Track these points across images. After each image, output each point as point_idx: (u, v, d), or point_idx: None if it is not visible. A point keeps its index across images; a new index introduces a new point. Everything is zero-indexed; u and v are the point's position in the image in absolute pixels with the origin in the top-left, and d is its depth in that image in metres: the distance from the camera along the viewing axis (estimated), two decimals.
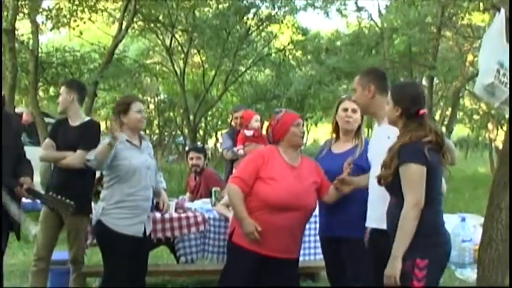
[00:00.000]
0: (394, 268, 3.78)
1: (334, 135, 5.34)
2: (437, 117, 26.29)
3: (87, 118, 6.16)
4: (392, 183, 3.91)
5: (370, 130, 14.33)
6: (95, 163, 5.08)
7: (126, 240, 5.13)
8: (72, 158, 5.72)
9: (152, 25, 20.64)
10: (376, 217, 4.40)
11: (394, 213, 3.89)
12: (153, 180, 5.47)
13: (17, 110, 14.72)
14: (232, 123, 8.93)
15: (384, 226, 4.13)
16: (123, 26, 16.39)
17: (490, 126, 29.34)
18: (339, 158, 5.03)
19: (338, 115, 5.24)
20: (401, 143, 3.88)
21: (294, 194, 4.76)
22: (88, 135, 5.88)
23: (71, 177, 5.69)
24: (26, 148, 5.10)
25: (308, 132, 42.79)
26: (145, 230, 5.34)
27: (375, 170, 4.17)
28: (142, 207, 5.26)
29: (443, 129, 20.29)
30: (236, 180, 4.85)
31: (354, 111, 5.16)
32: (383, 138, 4.19)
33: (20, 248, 8.72)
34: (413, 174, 3.78)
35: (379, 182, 4.04)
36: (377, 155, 4.20)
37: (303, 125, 5.25)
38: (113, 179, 5.20)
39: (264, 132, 7.92)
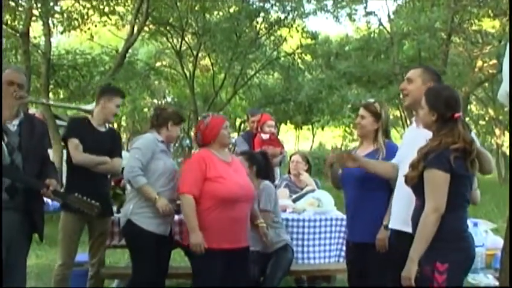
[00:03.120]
0: (409, 270, 3.79)
1: (360, 140, 5.48)
2: None
3: (108, 124, 6.22)
4: (418, 186, 3.93)
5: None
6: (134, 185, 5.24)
7: (154, 239, 5.22)
8: (118, 165, 5.87)
9: (163, 28, 20.68)
10: (399, 219, 4.44)
11: (418, 216, 3.90)
12: (175, 183, 5.51)
13: (29, 112, 14.80)
14: (248, 127, 8.96)
15: (405, 229, 4.16)
16: (135, 29, 16.44)
17: (497, 132, 29.33)
18: None
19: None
20: (429, 147, 3.90)
21: (241, 186, 5.14)
22: (119, 144, 6.22)
23: (94, 180, 5.74)
24: None
25: (314, 136, 42.81)
26: (170, 230, 5.47)
27: (406, 170, 4.15)
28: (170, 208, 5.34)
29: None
30: (188, 189, 5.05)
31: (362, 117, 5.26)
32: (421, 140, 4.12)
33: (33, 250, 8.73)
34: (436, 180, 3.79)
35: (406, 182, 4.09)
36: (411, 156, 4.13)
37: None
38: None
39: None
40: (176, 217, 6.17)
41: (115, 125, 24.18)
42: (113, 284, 6.94)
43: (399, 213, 4.43)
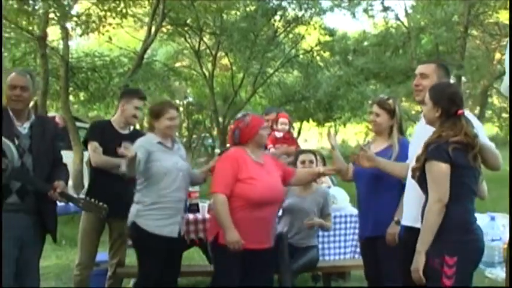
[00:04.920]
0: (417, 263, 3.85)
1: (374, 136, 5.51)
2: None
3: (132, 127, 6.30)
4: (421, 179, 3.99)
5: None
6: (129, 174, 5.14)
7: (160, 241, 5.22)
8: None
9: (180, 29, 20.74)
10: (410, 215, 4.47)
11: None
12: (186, 182, 5.55)
13: (49, 115, 14.94)
14: None
15: (417, 225, 4.17)
16: (152, 30, 16.52)
17: None
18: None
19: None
20: (430, 139, 3.95)
21: (271, 189, 5.18)
22: None
23: (116, 181, 5.78)
24: None
25: (337, 133, 42.68)
26: (179, 230, 5.44)
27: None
28: (176, 208, 5.35)
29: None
30: (220, 189, 5.09)
31: (376, 114, 5.27)
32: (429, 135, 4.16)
33: (53, 250, 8.85)
34: (436, 172, 3.85)
35: (412, 176, 4.12)
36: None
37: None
38: (145, 181, 5.31)
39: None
40: (191, 216, 6.24)
41: (137, 126, 24.27)
42: (129, 284, 7.01)
43: (411, 210, 4.46)
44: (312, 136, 50.88)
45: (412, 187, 4.34)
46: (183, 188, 5.47)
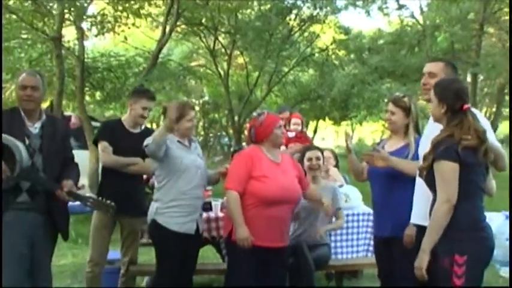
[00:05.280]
0: (421, 261, 3.84)
1: (389, 134, 5.52)
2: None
3: (143, 125, 6.33)
4: (429, 178, 3.97)
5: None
6: (153, 146, 5.15)
7: (179, 238, 5.29)
8: (147, 165, 5.89)
9: (195, 28, 20.78)
10: (419, 214, 4.47)
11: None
12: (204, 179, 5.61)
13: (65, 114, 15.04)
14: None
15: (424, 223, 4.16)
16: (167, 30, 16.56)
17: None
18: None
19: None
20: (440, 138, 3.93)
21: (284, 189, 5.17)
22: None
23: (126, 180, 5.86)
24: (74, 152, 5.28)
25: (353, 131, 42.63)
26: (198, 228, 5.50)
27: None
28: (195, 206, 5.43)
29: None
30: (233, 185, 5.14)
31: (392, 113, 5.25)
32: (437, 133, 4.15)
33: (69, 249, 8.94)
34: (445, 171, 3.83)
35: (419, 174, 4.12)
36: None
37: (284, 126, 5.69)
38: (165, 179, 5.38)
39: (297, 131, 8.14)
40: (204, 214, 6.26)
41: (154, 126, 24.35)
42: (142, 283, 7.06)
43: (420, 208, 4.46)
44: (328, 134, 50.87)
45: (421, 185, 4.33)
46: (201, 186, 5.55)
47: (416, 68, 21.62)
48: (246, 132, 5.74)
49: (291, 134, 8.25)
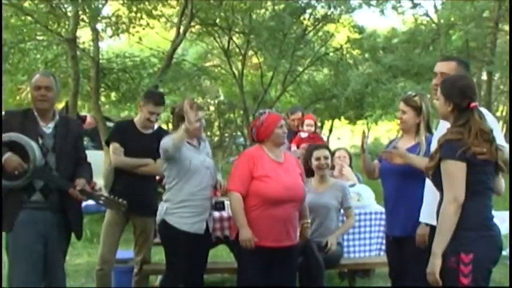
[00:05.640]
0: (433, 265, 3.78)
1: (400, 133, 5.52)
2: (498, 113, 25.75)
3: (156, 125, 6.36)
4: (436, 177, 3.94)
5: None
6: (172, 150, 5.21)
7: (188, 238, 5.33)
8: (158, 166, 5.89)
9: (209, 28, 20.83)
10: (428, 212, 4.48)
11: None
12: (213, 179, 5.64)
13: (81, 114, 15.13)
14: (289, 125, 9.07)
15: (432, 222, 4.17)
16: (181, 31, 16.62)
17: None
18: None
19: None
20: (446, 138, 3.90)
21: (287, 188, 5.17)
22: None
23: (138, 180, 5.90)
24: (89, 152, 5.37)
25: (369, 131, 42.52)
26: (207, 227, 5.53)
27: None
28: (204, 206, 5.46)
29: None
30: (235, 187, 5.18)
31: (403, 112, 5.26)
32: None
33: (85, 248, 9.00)
34: (452, 171, 3.78)
35: (426, 173, 4.10)
36: None
37: (286, 124, 5.62)
38: (175, 179, 5.40)
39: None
40: (216, 214, 6.30)
41: (170, 126, 24.42)
42: (156, 282, 7.09)
43: (430, 207, 4.42)
44: (344, 134, 50.79)
45: (429, 183, 4.32)
46: (210, 186, 5.58)
47: (430, 66, 21.46)
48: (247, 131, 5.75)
49: (304, 135, 8.30)
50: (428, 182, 4.45)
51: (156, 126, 6.33)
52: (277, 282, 5.29)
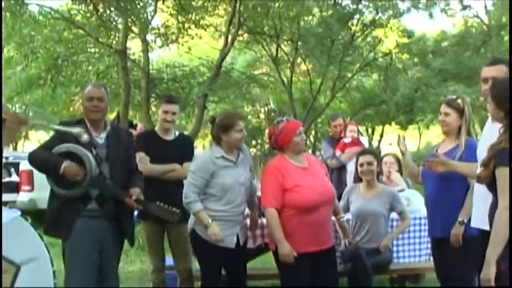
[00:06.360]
0: (488, 272, 3.69)
1: (443, 138, 5.49)
2: None
3: (177, 132, 6.38)
4: (491, 184, 3.86)
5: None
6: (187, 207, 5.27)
7: (217, 251, 5.21)
8: (184, 171, 5.80)
9: (257, 37, 20.93)
10: (477, 217, 4.44)
11: (494, 213, 3.79)
12: (249, 194, 5.49)
13: (134, 123, 15.34)
14: (331, 131, 9.17)
15: (484, 227, 4.12)
16: (229, 40, 16.77)
17: None
18: None
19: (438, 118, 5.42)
20: (500, 146, 3.80)
21: (319, 193, 5.17)
22: (190, 149, 6.35)
23: (169, 187, 5.83)
24: None
25: (420, 136, 42.10)
26: (238, 240, 5.40)
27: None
28: (235, 221, 5.33)
29: None
30: (270, 203, 5.15)
31: (446, 114, 5.25)
32: (496, 135, 3.99)
33: (138, 256, 9.12)
34: (507, 178, 3.69)
35: (479, 181, 4.06)
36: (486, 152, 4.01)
37: (305, 132, 5.61)
38: (206, 195, 5.26)
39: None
40: (263, 220, 6.26)
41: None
42: None
43: (478, 212, 4.40)
44: (395, 139, 50.26)
45: (478, 186, 4.26)
46: (243, 202, 5.43)
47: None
48: (267, 139, 5.72)
49: (348, 140, 8.35)
50: (477, 187, 4.41)
51: (177, 133, 6.34)
52: (321, 282, 5.28)
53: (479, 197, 4.37)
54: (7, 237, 4.12)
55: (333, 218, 5.98)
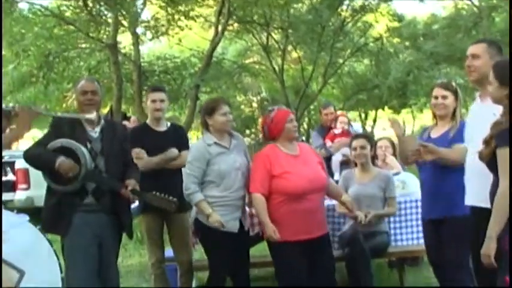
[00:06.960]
0: (488, 248, 3.76)
1: (434, 121, 5.47)
2: None
3: (169, 123, 6.36)
4: (492, 161, 3.90)
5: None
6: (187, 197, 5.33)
7: (222, 236, 5.21)
8: (183, 159, 5.75)
9: (247, 26, 20.89)
10: (474, 195, 4.44)
11: (495, 191, 3.85)
12: (247, 178, 5.44)
13: (128, 115, 15.31)
14: (321, 119, 9.25)
15: (481, 204, 4.14)
16: (219, 30, 16.73)
17: None
18: (435, 142, 5.14)
19: (432, 102, 5.41)
20: (502, 127, 3.83)
21: (309, 180, 5.17)
22: (184, 138, 6.35)
23: (168, 177, 5.84)
24: None
25: (414, 119, 42.10)
26: (242, 225, 5.44)
27: (476, 147, 4.15)
28: (236, 205, 5.35)
29: None
30: (256, 188, 5.19)
31: (444, 97, 5.25)
32: (488, 115, 4.09)
33: (136, 249, 9.12)
34: (508, 158, 3.74)
35: (480, 158, 4.08)
36: (482, 132, 4.05)
37: (296, 119, 5.64)
38: (204, 182, 5.30)
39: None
40: (248, 210, 6.21)
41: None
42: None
43: (473, 190, 4.43)
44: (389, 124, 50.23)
45: (472, 167, 4.32)
46: (242, 187, 5.42)
47: None
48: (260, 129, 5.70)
49: (338, 131, 8.44)
50: (470, 165, 4.45)
51: (169, 124, 6.30)
52: (316, 271, 5.28)
53: (474, 175, 4.39)
54: (13, 243, 4.16)
55: (335, 202, 6.11)
